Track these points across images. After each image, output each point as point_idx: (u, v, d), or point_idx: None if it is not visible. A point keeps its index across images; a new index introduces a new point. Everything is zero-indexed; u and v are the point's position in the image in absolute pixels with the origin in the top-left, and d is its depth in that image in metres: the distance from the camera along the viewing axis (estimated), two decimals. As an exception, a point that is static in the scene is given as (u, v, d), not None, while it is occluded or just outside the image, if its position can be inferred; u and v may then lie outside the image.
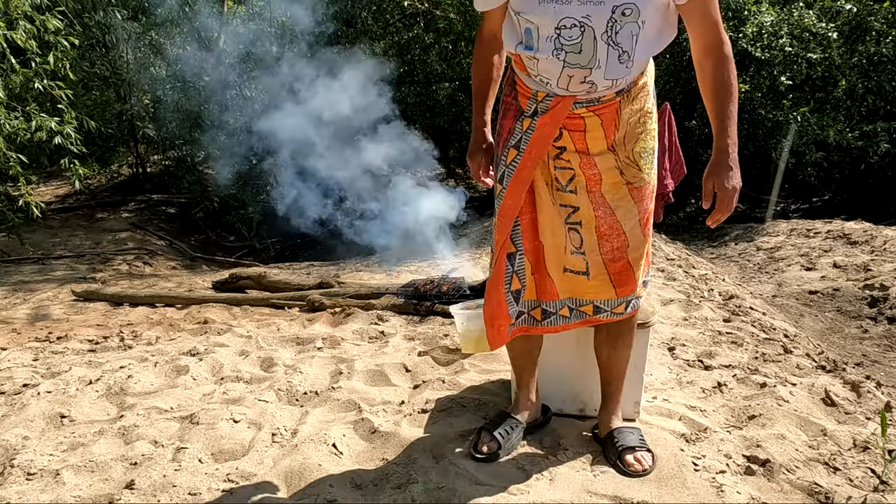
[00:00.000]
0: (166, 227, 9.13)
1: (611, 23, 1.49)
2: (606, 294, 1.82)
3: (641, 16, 1.49)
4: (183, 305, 4.46)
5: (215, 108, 8.32)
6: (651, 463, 1.83)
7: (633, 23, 1.50)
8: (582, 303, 1.84)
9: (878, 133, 7.63)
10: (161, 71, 9.82)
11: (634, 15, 1.49)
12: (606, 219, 1.76)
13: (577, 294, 1.84)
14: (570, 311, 1.86)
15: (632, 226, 1.77)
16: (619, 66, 1.56)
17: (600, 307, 1.84)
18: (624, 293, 1.81)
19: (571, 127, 1.70)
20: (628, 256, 1.79)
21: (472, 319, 2.83)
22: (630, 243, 1.78)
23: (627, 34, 1.51)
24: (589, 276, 1.80)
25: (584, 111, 1.66)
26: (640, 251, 1.80)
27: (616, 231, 1.77)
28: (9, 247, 7.03)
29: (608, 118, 1.67)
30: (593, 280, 1.80)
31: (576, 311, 1.86)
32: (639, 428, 1.97)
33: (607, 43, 1.52)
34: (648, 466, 1.81)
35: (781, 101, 7.65)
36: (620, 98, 1.66)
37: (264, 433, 2.16)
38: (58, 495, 1.84)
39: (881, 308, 4.01)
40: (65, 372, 2.92)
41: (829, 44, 7.46)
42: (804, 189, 9.48)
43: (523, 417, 2.03)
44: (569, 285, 1.84)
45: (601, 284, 1.80)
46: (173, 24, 9.69)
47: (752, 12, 7.46)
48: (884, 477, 1.80)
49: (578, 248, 1.79)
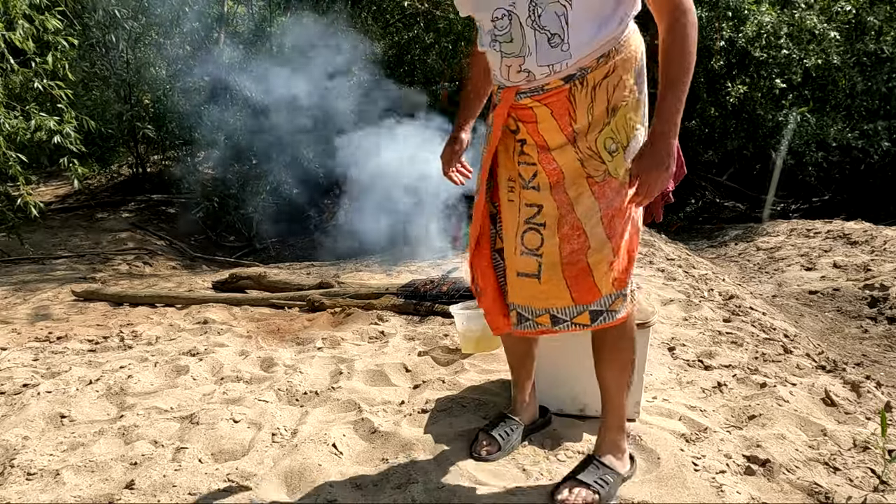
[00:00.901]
0: (166, 227, 9.13)
1: (532, 5, 1.47)
2: (561, 301, 1.63)
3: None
4: (183, 305, 4.46)
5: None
6: (581, 501, 1.63)
7: (556, 3, 1.45)
8: (537, 312, 1.66)
9: (878, 132, 7.64)
10: (161, 71, 9.82)
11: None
12: (568, 217, 1.61)
13: (529, 301, 1.67)
14: (519, 318, 1.70)
15: (593, 224, 1.60)
16: (553, 51, 1.50)
17: (557, 316, 1.65)
18: (583, 300, 1.62)
19: (523, 118, 1.63)
20: (588, 259, 1.61)
21: (472, 319, 2.83)
22: (591, 244, 1.60)
23: (552, 16, 1.47)
24: (540, 280, 1.63)
25: (530, 101, 1.59)
26: (602, 253, 1.61)
27: (577, 231, 1.61)
28: (9, 247, 7.03)
29: (559, 108, 1.57)
30: (544, 284, 1.63)
31: (531, 322, 1.68)
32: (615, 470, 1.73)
33: (533, 28, 1.49)
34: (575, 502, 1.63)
35: (781, 101, 7.66)
36: (570, 85, 1.54)
37: (264, 433, 2.16)
38: (58, 495, 1.84)
39: (881, 308, 4.01)
40: (65, 372, 2.92)
41: (829, 44, 7.46)
42: (804, 189, 9.48)
43: (522, 418, 2.02)
44: (521, 291, 1.68)
45: (554, 289, 1.62)
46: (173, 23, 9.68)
47: (751, 12, 7.46)
48: (884, 477, 1.80)
49: (535, 249, 1.64)
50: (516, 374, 2.05)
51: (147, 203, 9.85)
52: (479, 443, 1.94)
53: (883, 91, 7.75)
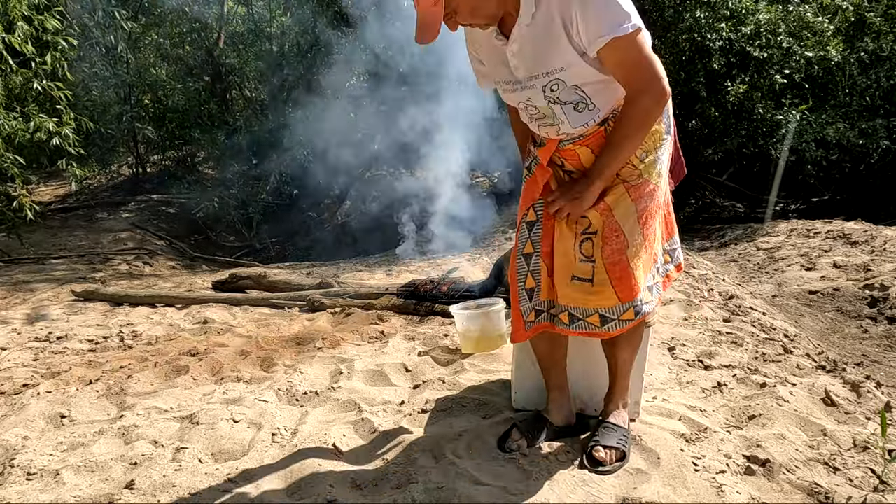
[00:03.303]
0: (166, 227, 9.13)
1: (548, 93, 1.67)
2: (609, 301, 1.78)
3: (569, 83, 1.64)
4: (183, 305, 4.46)
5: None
6: (612, 461, 1.82)
7: (567, 89, 1.65)
8: (588, 312, 1.81)
9: (877, 130, 7.62)
10: (161, 71, 9.82)
11: (563, 85, 1.65)
12: (609, 221, 1.77)
13: (581, 303, 1.81)
14: (570, 318, 1.84)
15: (630, 224, 1.77)
16: (582, 115, 1.70)
17: (606, 316, 1.79)
18: (626, 297, 1.77)
19: (567, 157, 1.84)
20: (628, 258, 1.76)
21: (472, 319, 2.83)
22: (629, 243, 1.76)
23: (570, 93, 1.66)
24: (593, 283, 1.78)
25: (572, 146, 1.79)
26: (639, 252, 1.78)
27: (615, 232, 1.76)
28: (9, 247, 7.03)
29: (598, 145, 1.76)
30: (596, 286, 1.78)
31: (582, 322, 1.82)
32: (626, 428, 1.95)
33: (558, 104, 1.69)
34: (608, 462, 1.81)
35: (781, 100, 7.64)
36: (605, 126, 1.73)
37: (264, 433, 2.16)
38: (58, 495, 1.84)
39: (881, 308, 4.01)
40: (65, 372, 2.92)
41: (828, 41, 7.45)
42: (804, 189, 9.46)
43: (554, 419, 2.04)
44: (574, 293, 1.81)
45: (604, 290, 1.77)
46: (174, 24, 9.68)
47: (749, 10, 7.45)
48: (884, 477, 1.80)
49: (590, 256, 1.79)
50: (547, 375, 2.08)
51: (147, 203, 9.85)
52: (510, 437, 1.98)
53: (884, 89, 7.74)
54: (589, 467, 1.82)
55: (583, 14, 1.51)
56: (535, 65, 1.64)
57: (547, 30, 1.57)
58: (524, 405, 2.23)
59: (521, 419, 2.07)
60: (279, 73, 9.70)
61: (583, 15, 1.51)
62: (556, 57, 1.60)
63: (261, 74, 10.26)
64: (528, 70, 1.66)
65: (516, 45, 1.64)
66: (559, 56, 1.59)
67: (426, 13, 1.52)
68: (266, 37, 10.20)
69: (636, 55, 1.56)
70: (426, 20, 1.53)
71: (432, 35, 1.56)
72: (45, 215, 8.21)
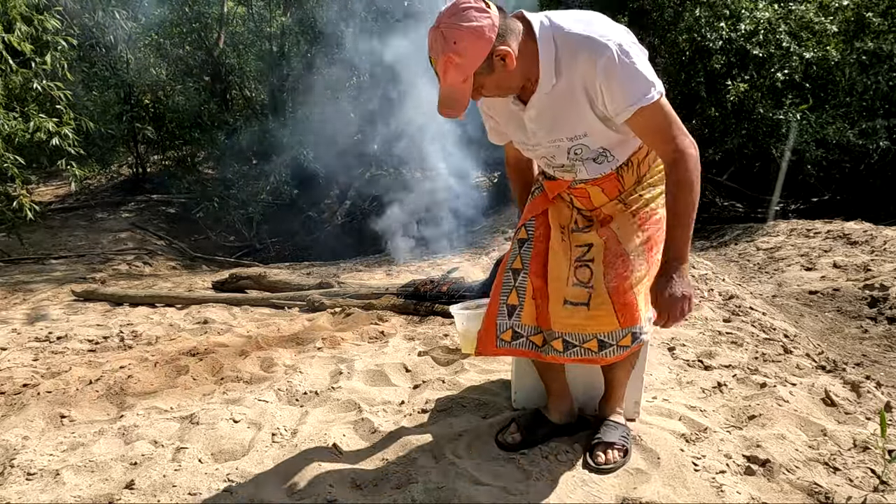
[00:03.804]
0: (166, 227, 9.13)
1: (571, 155, 1.71)
2: (609, 325, 1.75)
3: (594, 146, 1.68)
4: (183, 305, 4.46)
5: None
6: (616, 459, 1.83)
7: (591, 150, 1.69)
8: (585, 338, 1.78)
9: (877, 130, 7.62)
10: (161, 71, 9.82)
11: (587, 149, 1.69)
12: (612, 245, 1.77)
13: (579, 328, 1.78)
14: (564, 345, 1.81)
15: (634, 248, 1.76)
16: (601, 165, 1.73)
17: (605, 341, 1.77)
18: (627, 323, 1.74)
19: (577, 195, 1.85)
20: (633, 284, 1.75)
21: (472, 319, 2.82)
22: (634, 268, 1.75)
23: (593, 152, 1.70)
24: (589, 307, 1.75)
25: (584, 185, 1.81)
26: (642, 279, 1.76)
27: (620, 256, 1.75)
28: (9, 247, 7.03)
29: (609, 186, 1.78)
30: (593, 310, 1.75)
31: (578, 349, 1.80)
32: (626, 426, 1.98)
33: (580, 161, 1.73)
34: (613, 461, 1.82)
35: (781, 99, 7.64)
36: (619, 169, 1.75)
37: (264, 433, 2.16)
38: (58, 495, 1.84)
39: (881, 308, 4.01)
40: (65, 372, 2.92)
41: (828, 40, 7.45)
42: (804, 188, 9.47)
43: (553, 417, 2.05)
44: (570, 319, 1.79)
45: (604, 315, 1.75)
46: (174, 24, 9.68)
47: (748, 9, 7.45)
48: (884, 477, 1.80)
49: (586, 281, 1.77)
50: (545, 378, 2.08)
51: (147, 203, 9.85)
52: (507, 430, 1.99)
53: (884, 89, 7.74)
54: (593, 465, 1.83)
55: (608, 87, 1.52)
56: (556, 130, 1.67)
57: (569, 99, 1.58)
58: (524, 405, 2.23)
59: (521, 415, 2.08)
60: (279, 73, 9.71)
61: (608, 88, 1.52)
62: (578, 124, 1.63)
63: (261, 74, 10.27)
64: (548, 134, 1.68)
65: (534, 112, 1.65)
66: (582, 123, 1.62)
67: (454, 89, 1.51)
68: (266, 37, 10.20)
69: (661, 120, 1.56)
70: (454, 95, 1.52)
71: (460, 110, 1.54)
72: (45, 215, 8.21)
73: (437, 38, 1.47)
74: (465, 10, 1.46)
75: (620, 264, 1.75)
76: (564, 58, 1.53)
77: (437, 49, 1.47)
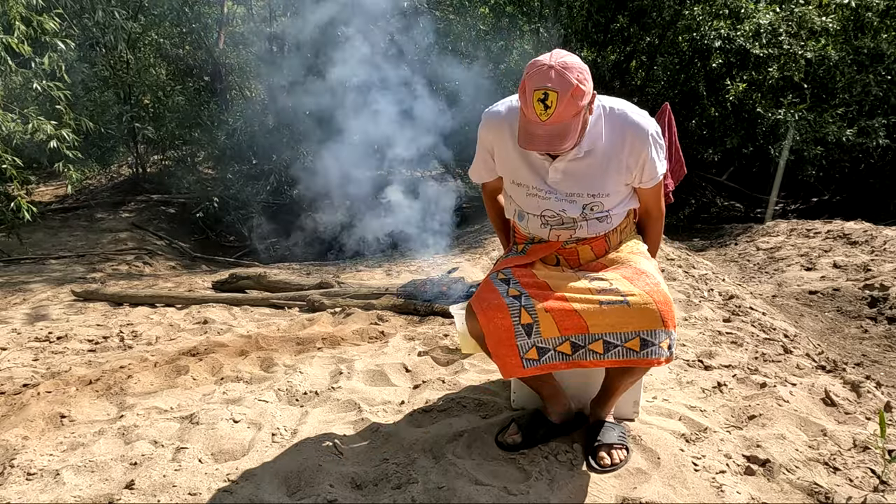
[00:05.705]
0: (166, 227, 9.13)
1: (587, 211, 1.85)
2: (653, 322, 1.72)
3: (607, 206, 1.86)
4: (183, 305, 4.46)
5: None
6: (622, 459, 1.85)
7: (604, 209, 1.86)
8: (628, 337, 1.74)
9: (876, 129, 7.63)
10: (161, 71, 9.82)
11: (601, 207, 1.85)
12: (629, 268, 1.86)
13: (619, 327, 1.74)
14: (605, 346, 1.76)
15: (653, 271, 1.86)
16: (601, 225, 1.89)
17: (647, 339, 1.73)
18: (669, 324, 1.73)
19: (566, 255, 1.96)
20: (663, 288, 1.79)
21: (472, 319, 2.82)
22: (659, 281, 1.81)
23: (601, 213, 1.86)
24: (629, 304, 1.73)
25: (575, 245, 1.93)
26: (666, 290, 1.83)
27: (641, 273, 1.83)
28: (9, 247, 7.03)
29: (598, 246, 1.94)
30: (634, 307, 1.73)
31: (620, 348, 1.75)
32: (622, 426, 1.99)
33: (585, 219, 1.87)
34: (619, 461, 1.85)
35: (780, 99, 7.65)
36: (608, 232, 1.92)
37: (264, 433, 2.16)
38: (58, 495, 1.84)
39: (881, 308, 4.01)
40: (65, 372, 2.92)
41: (828, 39, 7.47)
42: (803, 188, 9.48)
43: (553, 417, 2.05)
44: (609, 319, 1.75)
45: (646, 311, 1.72)
46: (174, 24, 9.67)
47: (749, 11, 7.46)
48: (884, 477, 1.80)
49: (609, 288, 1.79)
50: (532, 385, 2.08)
51: (147, 203, 9.84)
52: (507, 431, 2.00)
53: (882, 89, 7.75)
54: (598, 468, 1.83)
55: (648, 167, 1.84)
56: (582, 186, 1.83)
57: (603, 164, 1.80)
58: (523, 405, 2.23)
59: (520, 416, 2.08)
60: (279, 73, 9.70)
61: (648, 167, 1.84)
62: (607, 184, 1.83)
63: (261, 74, 10.27)
64: (571, 188, 1.83)
65: (562, 164, 1.80)
66: (609, 184, 1.83)
67: (568, 123, 1.62)
68: (266, 37, 10.20)
69: (659, 189, 1.96)
70: (567, 129, 1.63)
71: (571, 140, 1.65)
72: (45, 215, 8.21)
73: (559, 74, 1.58)
74: (570, 54, 1.65)
75: (645, 277, 1.81)
76: (607, 129, 1.78)
77: (558, 82, 1.58)
